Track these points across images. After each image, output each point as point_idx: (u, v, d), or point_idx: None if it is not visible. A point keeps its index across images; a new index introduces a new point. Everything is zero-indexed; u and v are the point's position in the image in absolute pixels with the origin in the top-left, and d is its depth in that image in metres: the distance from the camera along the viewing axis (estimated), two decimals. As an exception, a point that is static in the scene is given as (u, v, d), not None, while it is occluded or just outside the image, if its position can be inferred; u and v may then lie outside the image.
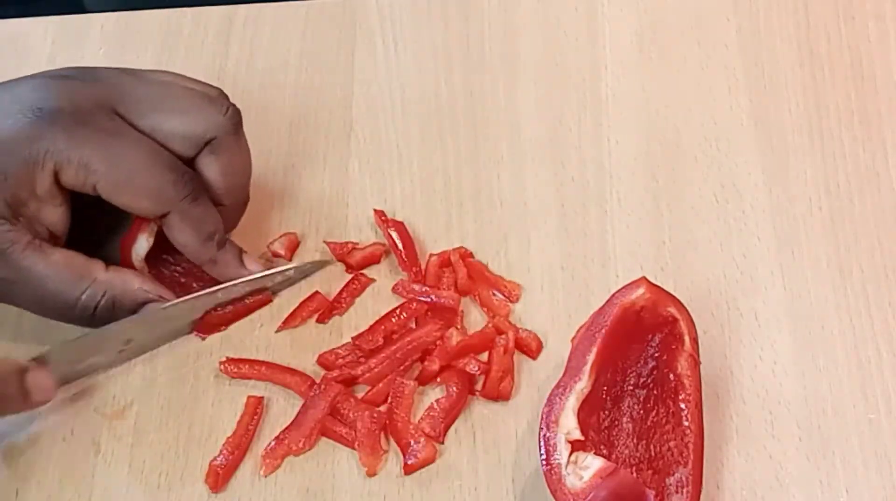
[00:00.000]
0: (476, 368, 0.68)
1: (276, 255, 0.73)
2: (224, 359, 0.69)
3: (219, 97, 0.68)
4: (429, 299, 0.70)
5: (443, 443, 0.66)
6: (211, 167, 0.68)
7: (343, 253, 0.72)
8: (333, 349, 0.69)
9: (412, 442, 0.66)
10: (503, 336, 0.69)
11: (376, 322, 0.70)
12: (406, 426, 0.66)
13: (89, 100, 0.65)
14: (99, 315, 0.67)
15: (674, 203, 0.74)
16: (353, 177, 0.76)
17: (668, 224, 0.73)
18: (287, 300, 0.72)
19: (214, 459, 0.66)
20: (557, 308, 0.70)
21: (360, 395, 0.68)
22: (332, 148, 0.77)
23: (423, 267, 0.72)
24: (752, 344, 0.69)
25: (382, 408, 0.67)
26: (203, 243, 0.68)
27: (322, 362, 0.69)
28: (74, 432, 0.68)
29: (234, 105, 0.68)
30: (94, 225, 0.69)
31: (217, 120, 0.67)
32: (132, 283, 0.68)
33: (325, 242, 0.73)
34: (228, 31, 0.83)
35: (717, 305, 0.70)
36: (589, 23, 0.82)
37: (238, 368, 0.69)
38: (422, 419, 0.67)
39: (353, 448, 0.66)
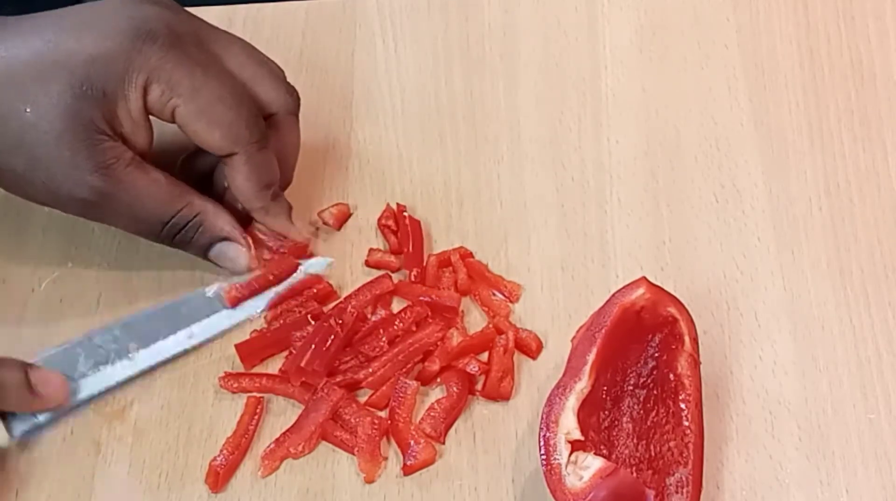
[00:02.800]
0: (476, 368, 0.68)
1: (325, 223, 0.73)
2: (223, 375, 0.69)
3: (284, 77, 0.70)
4: (429, 299, 0.70)
5: (443, 443, 0.66)
6: (270, 139, 0.69)
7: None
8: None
9: (412, 443, 0.66)
10: (503, 336, 0.69)
11: (379, 325, 0.69)
12: (407, 427, 0.66)
13: (181, 27, 0.66)
14: (182, 237, 0.68)
15: (674, 203, 0.74)
16: (353, 177, 0.76)
17: (668, 224, 0.73)
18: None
19: (214, 459, 0.66)
20: (557, 308, 0.70)
21: (361, 399, 0.68)
22: (332, 148, 0.77)
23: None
24: (752, 344, 0.69)
25: (384, 413, 0.67)
26: (261, 190, 0.69)
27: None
28: (74, 432, 0.68)
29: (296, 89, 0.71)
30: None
31: (285, 97, 0.69)
32: (221, 216, 0.69)
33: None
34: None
35: (717, 305, 0.70)
36: (589, 23, 0.82)
37: (238, 382, 0.69)
38: (422, 419, 0.67)
39: (353, 454, 0.66)
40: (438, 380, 0.68)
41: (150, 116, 0.66)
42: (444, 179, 0.76)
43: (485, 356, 0.69)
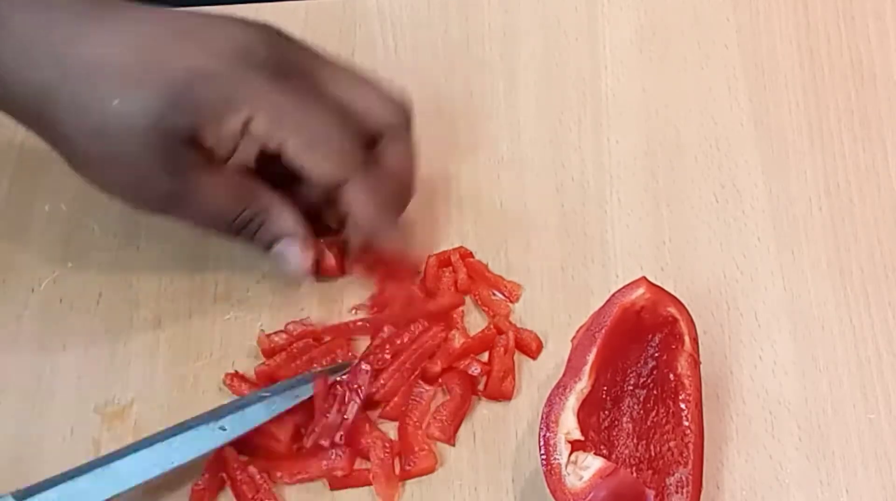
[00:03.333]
0: (478, 370, 0.68)
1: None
2: (229, 374, 0.68)
3: (392, 93, 0.69)
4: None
5: (454, 445, 0.66)
6: (386, 155, 0.68)
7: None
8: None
9: (416, 449, 0.66)
10: (503, 336, 0.69)
11: (384, 340, 0.69)
12: (416, 431, 0.66)
13: (286, 55, 0.65)
14: (247, 232, 0.68)
15: (674, 203, 0.74)
16: (353, 177, 0.76)
17: (668, 224, 0.73)
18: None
19: (196, 483, 0.65)
20: (557, 308, 0.70)
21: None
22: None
23: (422, 268, 0.72)
24: (752, 344, 0.69)
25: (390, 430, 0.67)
26: (378, 212, 0.67)
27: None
28: (74, 432, 0.68)
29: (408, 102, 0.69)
30: None
31: (399, 109, 0.68)
32: (286, 214, 0.68)
33: None
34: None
35: (717, 305, 0.70)
36: (589, 23, 0.82)
37: (243, 386, 0.68)
38: (429, 424, 0.67)
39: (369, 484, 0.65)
40: (440, 381, 0.68)
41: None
42: (445, 179, 0.76)
43: (485, 357, 0.69)
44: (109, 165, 0.65)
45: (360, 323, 0.70)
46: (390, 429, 0.67)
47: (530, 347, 0.69)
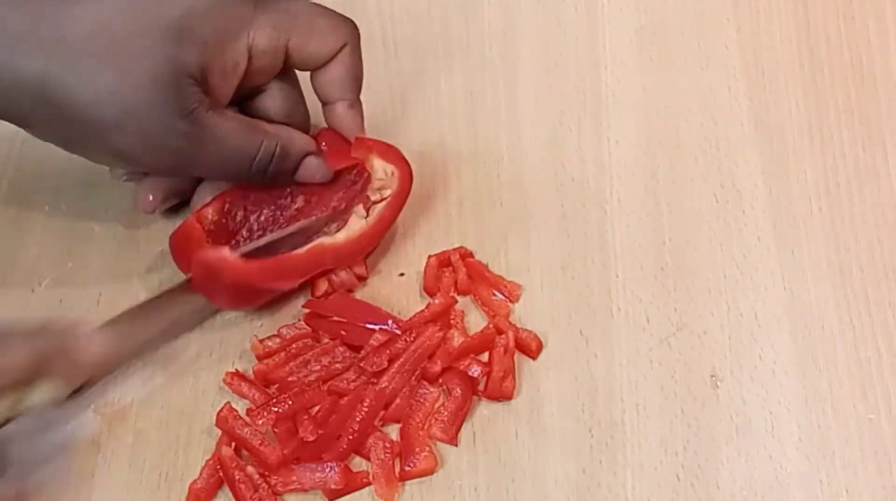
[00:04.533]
0: (478, 371, 0.68)
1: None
2: (230, 372, 0.69)
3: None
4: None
5: (457, 445, 0.66)
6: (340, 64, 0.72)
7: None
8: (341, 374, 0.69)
9: (417, 450, 0.66)
10: (503, 336, 0.69)
11: (384, 344, 0.69)
12: (417, 432, 0.66)
13: None
14: (273, 165, 0.70)
15: (674, 203, 0.74)
16: (353, 177, 0.76)
17: (668, 224, 0.73)
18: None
19: (194, 482, 0.66)
20: (557, 308, 0.70)
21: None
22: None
23: (422, 268, 0.72)
24: (752, 344, 0.69)
25: (392, 431, 0.67)
26: (356, 80, 0.72)
27: (331, 391, 0.68)
28: (74, 432, 0.68)
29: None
30: None
31: (348, 25, 0.72)
32: (296, 133, 0.71)
33: None
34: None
35: (717, 305, 0.70)
36: (589, 23, 0.82)
37: (243, 385, 0.68)
38: (431, 425, 0.67)
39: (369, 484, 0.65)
40: (440, 381, 0.68)
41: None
42: (444, 179, 0.76)
43: (485, 357, 0.69)
44: (126, 127, 0.65)
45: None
46: (391, 430, 0.67)
47: (530, 347, 0.69)
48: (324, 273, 0.71)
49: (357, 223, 0.71)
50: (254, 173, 0.69)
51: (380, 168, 0.72)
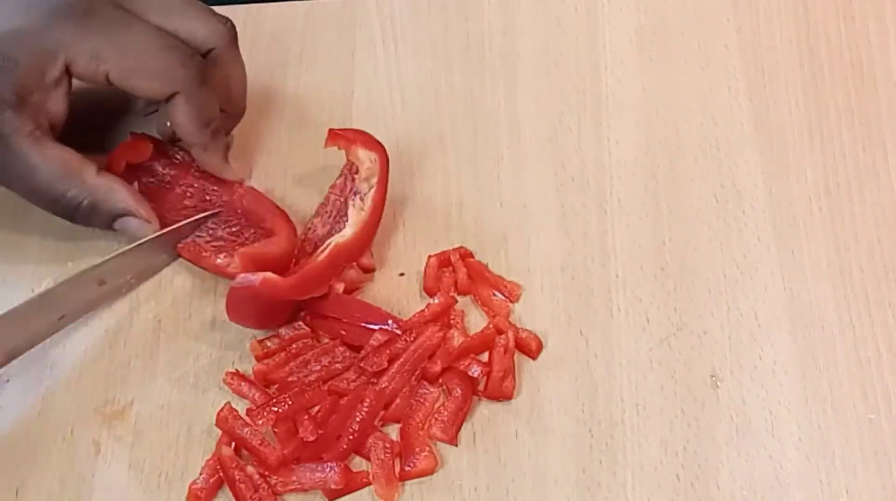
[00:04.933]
0: (478, 371, 0.68)
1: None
2: (230, 372, 0.69)
3: (211, 8, 0.72)
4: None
5: (457, 445, 0.66)
6: (213, 76, 0.71)
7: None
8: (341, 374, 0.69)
9: (417, 450, 0.66)
10: (503, 336, 0.69)
11: (382, 345, 0.69)
12: (417, 432, 0.66)
13: None
14: (80, 215, 0.70)
15: (674, 203, 0.74)
16: (353, 177, 0.76)
17: (668, 224, 0.73)
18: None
19: (194, 482, 0.66)
20: (557, 308, 0.70)
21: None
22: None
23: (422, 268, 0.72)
24: (752, 344, 0.69)
25: (392, 431, 0.67)
26: (201, 126, 0.70)
27: (331, 391, 0.68)
28: (74, 432, 0.68)
29: (227, 17, 0.72)
30: (98, 127, 0.72)
31: (219, 29, 0.71)
32: (117, 193, 0.70)
33: None
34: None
35: (717, 305, 0.70)
36: (589, 23, 0.82)
37: (242, 384, 0.68)
38: (431, 425, 0.67)
39: (369, 483, 0.65)
40: (440, 381, 0.68)
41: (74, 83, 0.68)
42: (444, 179, 0.76)
43: (485, 357, 0.69)
44: None
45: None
46: (391, 430, 0.67)
47: (530, 347, 0.69)
48: (338, 274, 0.71)
49: (357, 216, 0.71)
50: (61, 213, 0.70)
51: (365, 158, 0.72)
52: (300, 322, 0.70)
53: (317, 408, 0.67)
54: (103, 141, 0.74)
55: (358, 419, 0.66)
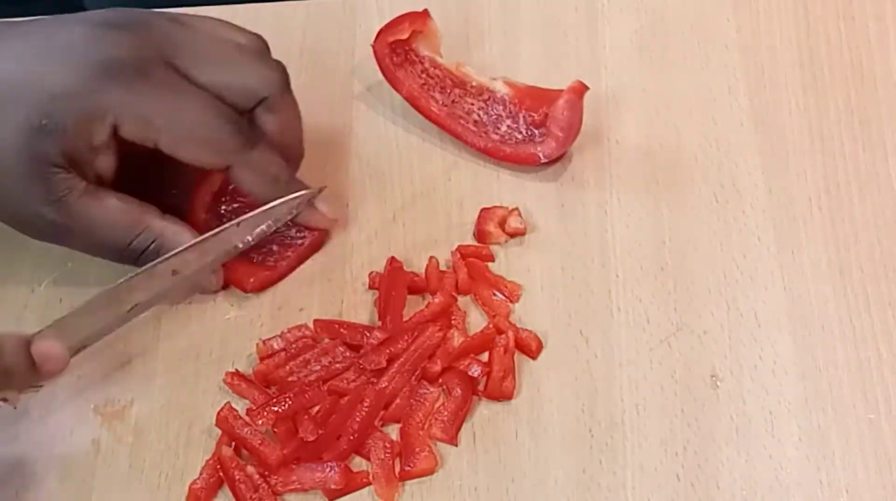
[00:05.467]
0: (478, 370, 0.68)
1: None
2: (230, 372, 0.69)
3: (266, 50, 0.70)
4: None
5: (457, 445, 0.66)
6: (267, 125, 0.69)
7: None
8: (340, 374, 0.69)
9: (417, 450, 0.66)
10: (503, 336, 0.69)
11: (382, 343, 0.69)
12: (417, 432, 0.66)
13: (145, 52, 0.65)
14: (144, 259, 0.68)
15: (674, 203, 0.74)
16: (354, 177, 0.76)
17: (668, 224, 0.73)
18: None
19: (194, 482, 0.66)
20: (557, 308, 0.70)
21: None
22: (332, 148, 0.77)
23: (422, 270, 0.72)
24: (752, 344, 0.69)
25: (392, 430, 0.67)
26: (271, 186, 0.69)
27: (331, 391, 0.68)
28: (74, 432, 0.68)
29: (279, 61, 0.70)
30: (154, 172, 0.69)
31: (272, 77, 0.69)
32: (182, 235, 0.68)
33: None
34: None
35: (716, 305, 0.70)
36: (589, 23, 0.82)
37: (243, 385, 0.68)
38: (431, 425, 0.67)
39: (369, 483, 0.65)
40: (440, 381, 0.68)
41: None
42: (444, 179, 0.76)
43: (485, 357, 0.69)
44: None
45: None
46: (391, 430, 0.67)
47: (530, 347, 0.69)
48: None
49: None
50: (126, 261, 0.68)
51: None
52: (304, 323, 0.70)
53: (317, 408, 0.67)
54: (161, 179, 0.72)
55: (358, 419, 0.66)
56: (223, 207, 0.73)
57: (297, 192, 0.70)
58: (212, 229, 0.69)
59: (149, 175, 0.69)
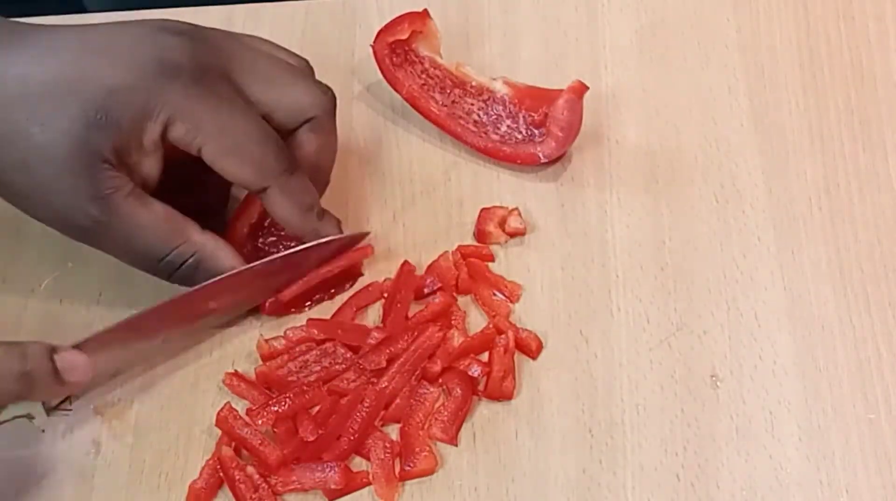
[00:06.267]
0: (478, 370, 0.68)
1: None
2: (229, 373, 0.69)
3: (313, 72, 0.70)
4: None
5: (457, 445, 0.66)
6: (308, 145, 0.69)
7: None
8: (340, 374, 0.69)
9: (417, 450, 0.66)
10: (503, 336, 0.69)
11: (382, 343, 0.69)
12: (417, 432, 0.66)
13: (203, 59, 0.65)
14: (179, 274, 0.67)
15: (674, 203, 0.74)
16: (353, 177, 0.76)
17: (668, 224, 0.73)
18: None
19: (195, 482, 0.66)
20: (557, 308, 0.70)
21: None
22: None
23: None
24: (752, 344, 0.69)
25: (392, 430, 0.67)
26: (303, 215, 0.68)
27: (331, 391, 0.68)
28: (74, 432, 0.68)
29: (328, 85, 0.70)
30: (193, 198, 0.69)
31: (320, 99, 0.69)
32: (222, 250, 0.68)
33: None
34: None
35: (716, 305, 0.70)
36: (589, 23, 0.82)
37: (243, 385, 0.68)
38: (431, 425, 0.67)
39: (369, 483, 0.65)
40: (440, 381, 0.68)
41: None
42: (444, 179, 0.76)
43: (485, 357, 0.69)
44: (35, 195, 0.64)
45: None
46: (391, 430, 0.67)
47: (530, 347, 0.69)
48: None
49: None
50: (160, 272, 0.67)
51: None
52: (306, 324, 0.70)
53: (317, 408, 0.67)
54: (200, 203, 0.71)
55: (358, 419, 0.66)
56: (260, 239, 0.73)
57: (326, 225, 0.70)
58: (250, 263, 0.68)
59: (188, 200, 0.68)
